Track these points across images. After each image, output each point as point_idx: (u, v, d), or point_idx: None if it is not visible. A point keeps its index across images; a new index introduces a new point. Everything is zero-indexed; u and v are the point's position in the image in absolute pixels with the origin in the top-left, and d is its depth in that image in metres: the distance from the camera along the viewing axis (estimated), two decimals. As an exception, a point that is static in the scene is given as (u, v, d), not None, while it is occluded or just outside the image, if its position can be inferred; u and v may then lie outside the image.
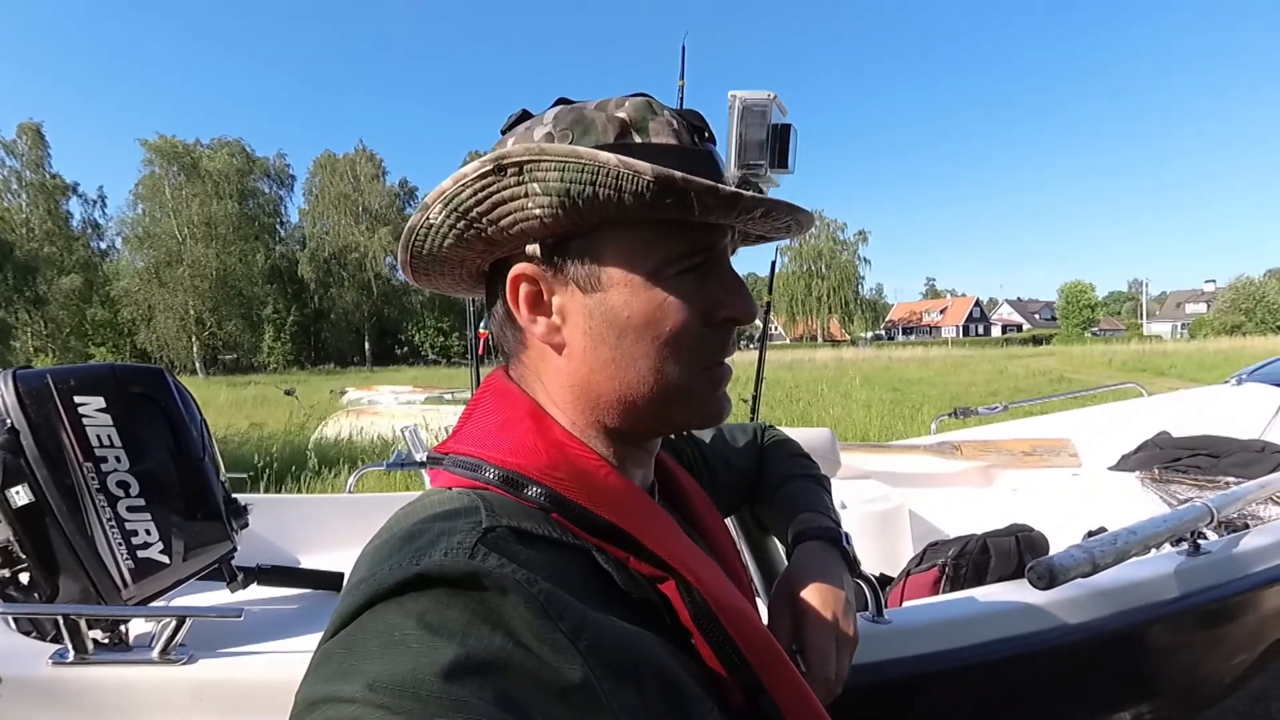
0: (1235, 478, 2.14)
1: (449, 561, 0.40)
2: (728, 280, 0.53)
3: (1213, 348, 27.40)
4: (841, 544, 0.73)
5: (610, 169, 0.44)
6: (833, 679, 0.63)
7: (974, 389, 13.65)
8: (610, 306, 0.50)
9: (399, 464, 2.03)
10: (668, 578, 0.50)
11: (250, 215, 45.40)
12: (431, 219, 0.50)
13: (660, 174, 0.44)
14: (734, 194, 0.46)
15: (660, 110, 0.51)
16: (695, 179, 0.45)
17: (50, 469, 1.10)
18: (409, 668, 0.34)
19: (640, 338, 0.50)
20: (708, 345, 0.52)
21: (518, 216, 0.48)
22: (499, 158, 0.46)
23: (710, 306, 0.51)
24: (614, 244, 0.49)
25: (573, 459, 0.50)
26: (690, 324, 0.50)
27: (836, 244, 60.42)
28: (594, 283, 0.50)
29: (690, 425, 0.55)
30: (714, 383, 0.53)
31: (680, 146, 0.50)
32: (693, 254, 0.50)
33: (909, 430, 7.29)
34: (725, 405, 0.55)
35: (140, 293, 39.94)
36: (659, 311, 0.49)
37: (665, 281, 0.49)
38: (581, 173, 0.45)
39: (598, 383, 0.51)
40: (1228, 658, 1.41)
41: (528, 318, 0.52)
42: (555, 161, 0.45)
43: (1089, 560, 1.00)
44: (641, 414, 0.52)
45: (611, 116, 0.50)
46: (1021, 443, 2.97)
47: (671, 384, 0.51)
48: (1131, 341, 38.45)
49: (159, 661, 0.89)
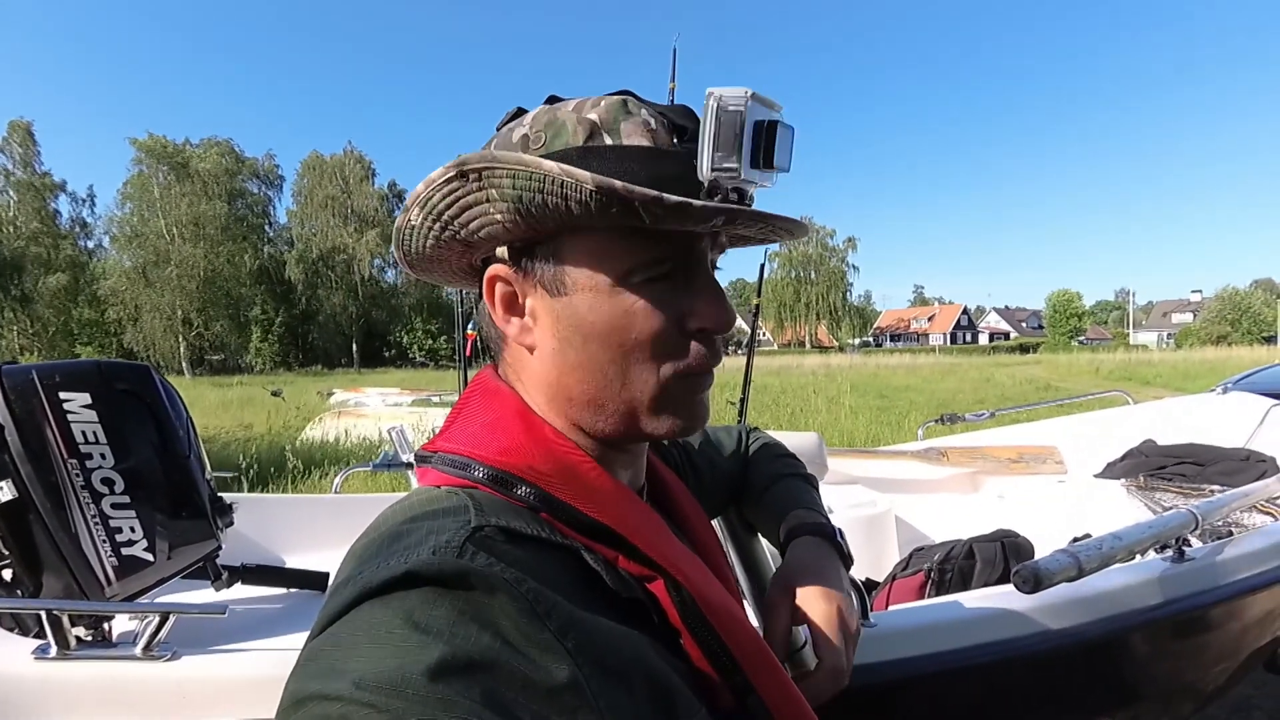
0: (1220, 486, 2.17)
1: (437, 560, 0.40)
2: (702, 288, 0.51)
3: (1198, 357, 27.73)
4: (835, 540, 0.74)
5: (554, 178, 0.44)
6: (844, 668, 0.63)
7: (961, 396, 13.74)
8: (576, 311, 0.49)
9: (385, 465, 2.01)
10: (656, 577, 0.50)
11: (239, 216, 45.12)
12: (412, 220, 0.51)
13: (601, 184, 0.43)
14: (681, 204, 0.44)
15: (637, 109, 0.49)
16: (637, 189, 0.43)
17: (34, 465, 1.08)
18: (395, 666, 0.34)
19: (606, 343, 0.49)
20: (680, 354, 0.50)
21: (483, 221, 0.48)
22: (460, 164, 0.46)
23: (682, 314, 0.50)
24: (578, 249, 0.49)
25: (561, 458, 0.50)
26: (660, 331, 0.49)
27: (825, 250, 60.77)
28: (560, 287, 0.49)
29: (662, 434, 0.52)
30: (688, 392, 0.51)
31: (653, 148, 0.48)
32: (660, 261, 0.49)
33: (896, 437, 7.32)
34: (700, 416, 0.53)
35: (127, 292, 39.58)
36: (625, 318, 0.48)
37: (633, 287, 0.48)
38: (529, 181, 0.45)
39: (568, 385, 0.51)
40: (1211, 665, 1.42)
41: (503, 318, 0.53)
42: (505, 169, 0.45)
43: (1074, 565, 1.01)
44: (611, 419, 0.51)
45: (582, 118, 0.49)
46: (1008, 450, 2.99)
47: (640, 391, 0.50)
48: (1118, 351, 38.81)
49: (142, 658, 0.88)
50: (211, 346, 43.40)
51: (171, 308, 39.93)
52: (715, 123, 0.46)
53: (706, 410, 0.54)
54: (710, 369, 0.52)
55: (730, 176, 0.46)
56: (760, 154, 0.47)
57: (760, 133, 0.47)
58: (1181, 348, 47.05)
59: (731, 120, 0.46)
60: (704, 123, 0.46)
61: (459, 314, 2.27)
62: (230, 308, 43.16)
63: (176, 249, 40.17)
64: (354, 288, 48.42)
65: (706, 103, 0.46)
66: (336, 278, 48.21)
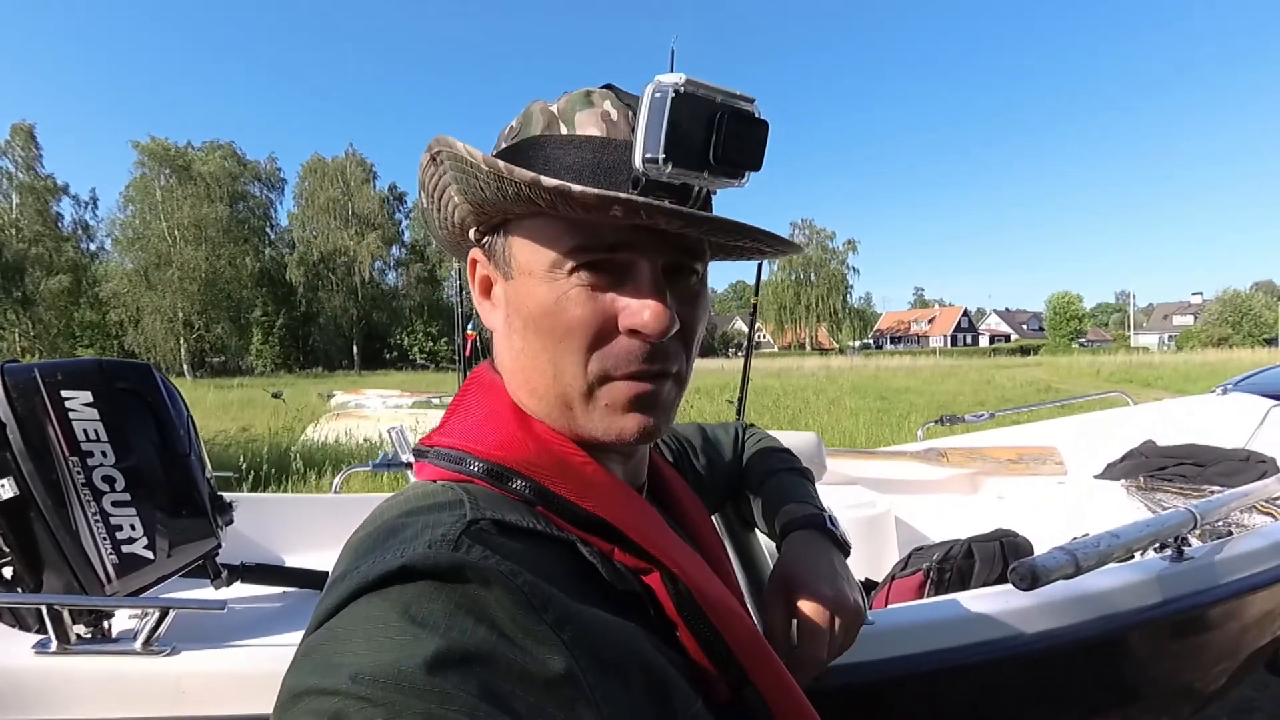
0: (1220, 486, 2.16)
1: (433, 554, 0.40)
2: (639, 287, 0.48)
3: (1199, 359, 27.69)
4: (828, 527, 0.74)
5: (465, 160, 0.45)
6: (824, 658, 0.64)
7: (961, 398, 13.74)
8: (518, 294, 0.50)
9: (385, 465, 2.02)
10: (652, 570, 0.50)
11: (240, 218, 45.20)
12: (423, 202, 0.54)
13: (490, 163, 0.44)
14: (560, 188, 0.42)
15: (600, 101, 0.49)
16: (518, 171, 0.43)
17: (36, 463, 1.08)
18: (392, 659, 0.34)
19: (539, 330, 0.49)
20: (615, 353, 0.48)
21: (454, 203, 0.51)
22: (430, 146, 0.48)
23: (614, 312, 0.48)
24: (522, 234, 0.49)
25: (555, 451, 0.50)
26: (591, 325, 0.47)
27: (826, 253, 60.81)
28: (509, 270, 0.51)
29: (593, 435, 0.50)
30: (622, 396, 0.49)
31: (601, 138, 0.48)
32: (591, 249, 0.47)
33: (896, 438, 7.32)
34: (633, 425, 0.49)
35: (129, 294, 39.66)
36: (555, 305, 0.48)
37: (568, 277, 0.48)
38: (466, 169, 0.46)
39: (517, 371, 0.52)
40: (1210, 665, 1.42)
41: (479, 299, 0.55)
42: (447, 153, 0.47)
43: (1071, 562, 1.01)
44: (551, 413, 0.51)
45: (545, 109, 0.50)
46: (1008, 450, 2.99)
47: (569, 387, 0.49)
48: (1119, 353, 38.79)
49: (141, 652, 0.89)
50: (212, 349, 43.45)
51: (173, 310, 39.98)
52: (647, 111, 0.44)
53: (654, 420, 0.50)
54: (654, 376, 0.49)
55: (654, 167, 0.45)
56: (709, 149, 0.45)
57: (711, 126, 0.44)
58: (1182, 350, 46.99)
59: (660, 108, 0.44)
60: (639, 111, 0.44)
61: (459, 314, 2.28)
62: (231, 310, 43.22)
63: (178, 251, 40.24)
64: (355, 290, 48.51)
65: (645, 89, 0.44)
66: (337, 280, 48.30)
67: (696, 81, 0.44)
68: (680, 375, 0.52)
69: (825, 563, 0.69)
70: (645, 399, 0.50)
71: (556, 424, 0.51)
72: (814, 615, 0.64)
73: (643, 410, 0.50)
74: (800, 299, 61.66)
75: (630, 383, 0.49)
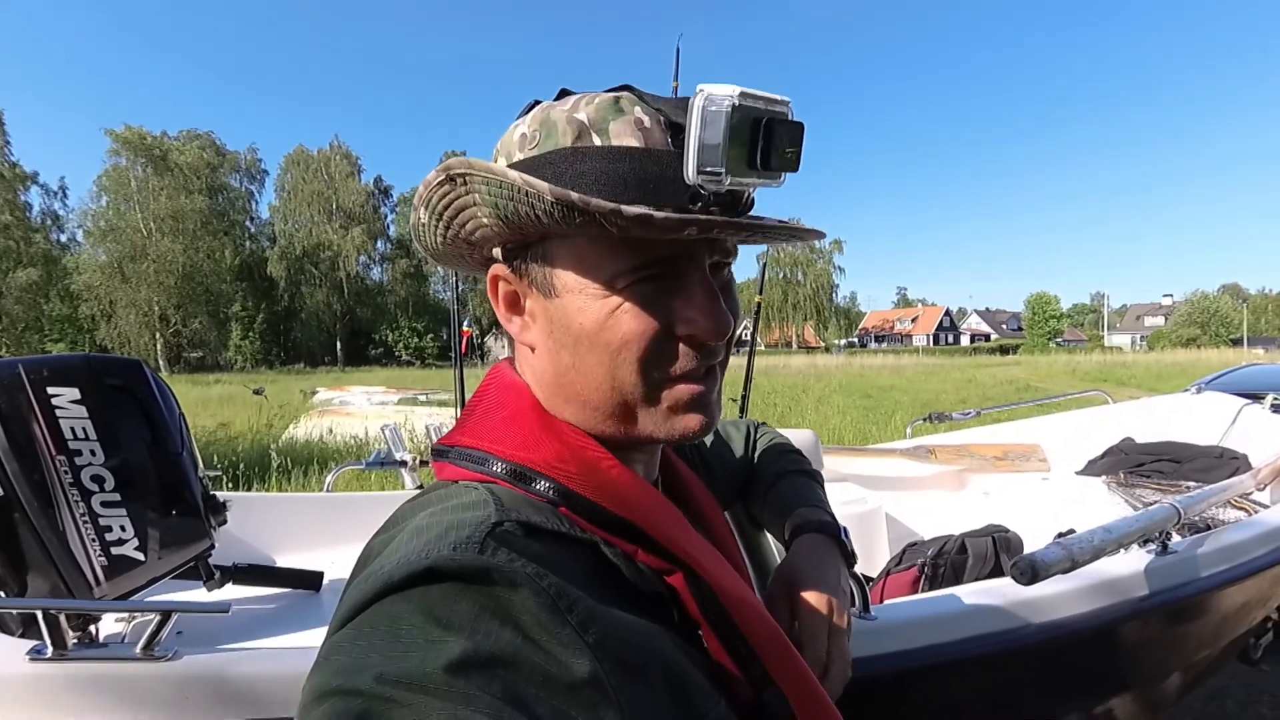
0: (1196, 482, 2.23)
1: (458, 556, 0.39)
2: (693, 295, 0.48)
3: (1170, 359, 28.44)
4: (840, 538, 0.74)
5: (519, 187, 0.44)
6: (822, 658, 0.64)
7: (944, 397, 13.90)
8: (566, 313, 0.49)
9: (379, 463, 2.00)
10: (675, 570, 0.50)
11: (219, 210, 44.50)
12: (421, 219, 0.51)
13: (559, 195, 0.42)
14: (641, 216, 0.42)
15: (630, 107, 0.48)
16: (594, 202, 0.42)
17: (20, 461, 1.05)
18: (417, 661, 0.34)
19: (594, 346, 0.48)
20: (672, 360, 0.49)
21: (475, 224, 0.49)
22: (447, 168, 0.47)
23: (670, 321, 0.48)
24: (565, 252, 0.48)
25: (578, 452, 0.50)
26: (647, 337, 0.47)
27: (813, 252, 61.21)
28: (551, 289, 0.50)
29: (655, 439, 0.51)
30: (682, 398, 0.50)
31: (643, 149, 0.46)
32: (646, 266, 0.47)
33: (883, 435, 7.41)
34: (694, 423, 0.51)
35: (102, 287, 38.78)
36: (612, 321, 0.47)
37: (620, 292, 0.47)
38: (501, 189, 0.45)
39: (563, 385, 0.51)
40: (1192, 653, 1.46)
41: (505, 315, 0.54)
42: (481, 177, 0.45)
43: (1068, 557, 1.04)
44: (608, 422, 0.51)
45: (571, 118, 0.47)
46: (994, 448, 3.04)
47: (629, 396, 0.49)
48: (1094, 352, 39.58)
49: (142, 658, 0.87)
50: (189, 343, 42.69)
51: (148, 303, 39.27)
52: (700, 123, 0.43)
53: (709, 415, 0.52)
54: (705, 374, 0.51)
55: (714, 181, 0.44)
56: (757, 155, 0.45)
57: (758, 133, 0.45)
58: (1154, 349, 48.04)
59: (716, 121, 0.43)
60: (689, 123, 0.44)
61: (455, 311, 2.26)
62: (209, 304, 42.54)
63: (154, 243, 39.53)
64: (339, 285, 47.99)
65: (693, 101, 0.44)
66: (320, 274, 47.76)
67: (749, 92, 0.44)
68: (723, 365, 0.53)
69: (831, 570, 0.69)
70: (702, 398, 0.51)
71: (597, 427, 0.51)
72: (816, 614, 0.65)
73: (701, 410, 0.51)
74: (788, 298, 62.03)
75: (689, 384, 0.50)
